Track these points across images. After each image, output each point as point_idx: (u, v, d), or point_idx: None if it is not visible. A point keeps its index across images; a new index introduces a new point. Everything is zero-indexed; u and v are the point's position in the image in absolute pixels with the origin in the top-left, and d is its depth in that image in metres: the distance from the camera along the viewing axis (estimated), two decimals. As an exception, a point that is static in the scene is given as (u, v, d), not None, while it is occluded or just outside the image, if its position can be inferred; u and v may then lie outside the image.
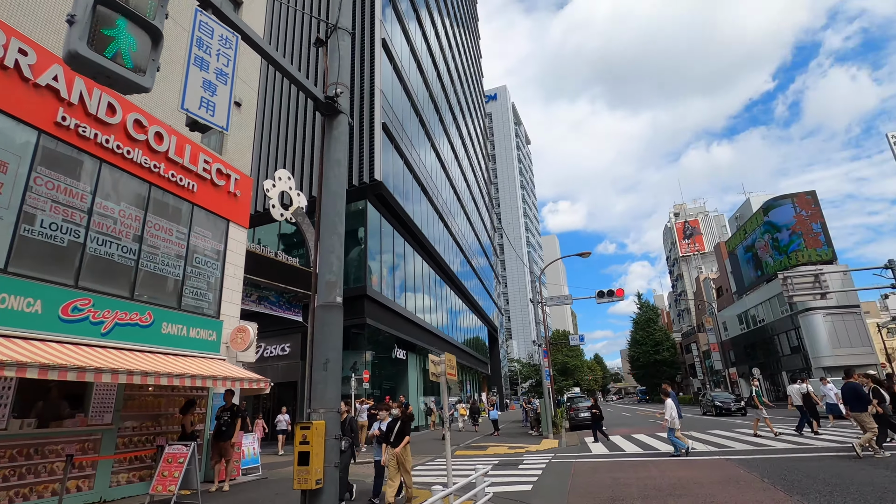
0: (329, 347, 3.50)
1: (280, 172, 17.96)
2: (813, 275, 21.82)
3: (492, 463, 11.99)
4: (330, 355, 3.47)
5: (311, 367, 3.48)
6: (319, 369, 3.43)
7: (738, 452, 11.17)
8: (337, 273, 3.71)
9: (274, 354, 19.50)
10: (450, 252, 36.45)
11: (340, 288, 3.70)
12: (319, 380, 3.44)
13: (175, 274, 9.53)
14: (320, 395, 3.40)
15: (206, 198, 10.45)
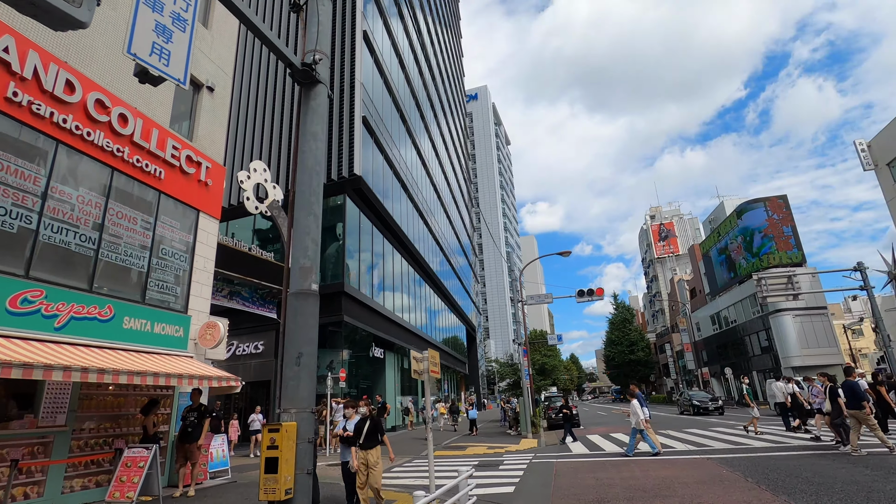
0: (303, 340, 3.14)
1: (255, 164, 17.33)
2: (786, 276, 22.26)
3: (472, 463, 11.72)
4: (304, 349, 3.11)
5: (282, 362, 3.11)
6: (291, 364, 3.07)
7: (717, 451, 11.15)
8: (312, 258, 3.35)
9: (246, 353, 18.83)
10: (429, 250, 36.10)
11: (316, 275, 3.34)
12: (291, 376, 3.07)
13: (139, 266, 8.95)
14: (292, 393, 3.04)
15: (175, 186, 9.88)
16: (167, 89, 10.23)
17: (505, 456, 13.07)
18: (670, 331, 66.71)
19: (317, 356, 3.22)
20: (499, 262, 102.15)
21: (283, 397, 3.05)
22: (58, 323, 7.22)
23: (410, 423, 24.39)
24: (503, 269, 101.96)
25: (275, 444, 2.82)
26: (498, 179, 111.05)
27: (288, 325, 3.18)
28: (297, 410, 3.02)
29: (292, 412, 3.00)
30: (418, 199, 32.58)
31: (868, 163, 33.02)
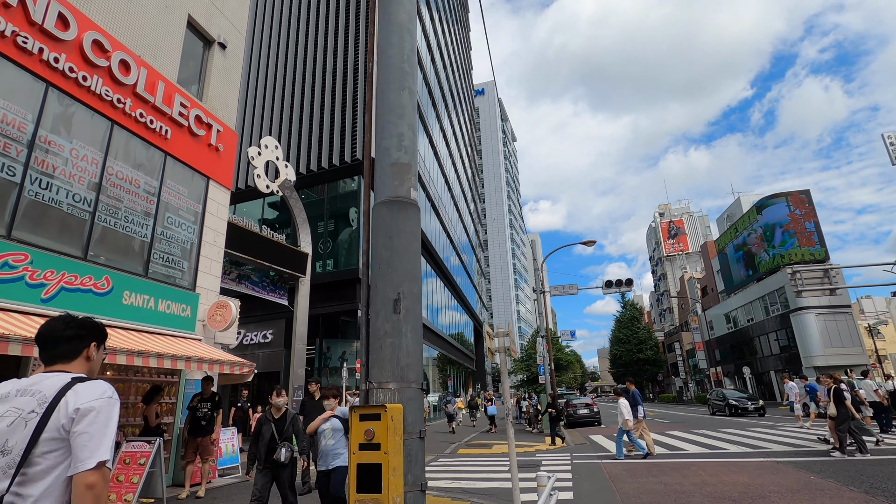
0: (403, 274, 2.08)
1: (266, 140, 16.25)
2: (822, 269, 21.11)
3: (504, 462, 10.63)
4: (405, 287, 2.02)
5: (366, 308, 2.04)
6: (387, 312, 2.00)
7: (779, 454, 10.05)
8: (410, 151, 2.25)
9: (255, 342, 17.78)
10: (440, 242, 35.02)
11: (415, 177, 2.25)
12: (388, 331, 1.99)
13: (142, 234, 7.87)
14: (390, 357, 1.96)
15: (183, 148, 8.79)
16: (175, 41, 9.14)
17: (537, 455, 11.99)
18: (680, 329, 65.56)
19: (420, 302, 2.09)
20: (504, 259, 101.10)
21: (375, 365, 1.99)
22: (45, 294, 6.14)
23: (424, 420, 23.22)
24: (508, 266, 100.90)
25: (373, 439, 1.74)
26: (504, 176, 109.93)
27: (376, 252, 2.09)
28: (398, 385, 1.90)
29: (391, 388, 1.90)
30: (431, 189, 31.49)
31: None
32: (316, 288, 17.02)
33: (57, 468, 1.39)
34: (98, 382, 1.52)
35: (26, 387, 1.50)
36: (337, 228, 19.21)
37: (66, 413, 1.41)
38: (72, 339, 1.62)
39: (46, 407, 1.42)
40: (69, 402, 1.43)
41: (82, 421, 1.40)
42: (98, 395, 1.46)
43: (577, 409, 22.39)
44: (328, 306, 17.40)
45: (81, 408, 1.42)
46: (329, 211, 19.50)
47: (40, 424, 1.40)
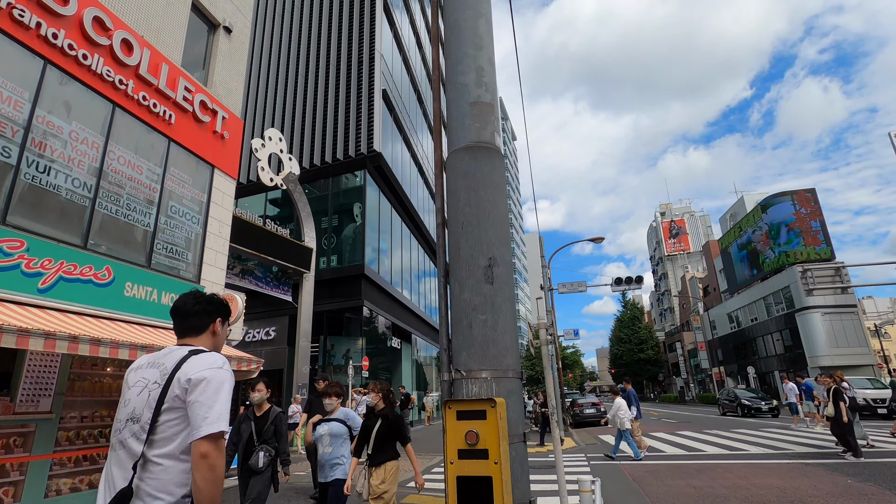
0: (493, 234, 1.68)
1: (270, 132, 15.85)
2: (833, 268, 20.80)
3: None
4: (495, 251, 1.63)
5: (444, 278, 1.65)
6: (477, 282, 1.61)
7: (806, 456, 9.71)
8: (490, 88, 1.87)
9: (257, 339, 17.37)
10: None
11: (499, 120, 1.87)
12: (478, 306, 1.59)
13: (144, 223, 7.48)
14: (483, 339, 1.56)
15: (187, 134, 8.39)
16: (179, 23, 8.75)
17: (550, 456, 11.63)
18: (681, 329, 65.28)
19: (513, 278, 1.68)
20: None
21: (462, 349, 1.59)
22: (42, 283, 5.75)
23: (428, 419, 22.98)
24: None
25: (477, 444, 1.36)
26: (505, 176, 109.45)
27: (456, 211, 1.72)
28: (493, 374, 1.50)
29: (484, 377, 1.49)
30: (433, 183, 31.14)
31: (904, 155, 31.56)
32: (320, 284, 16.65)
33: (179, 435, 1.48)
34: (211, 354, 1.59)
35: (155, 360, 1.61)
36: (341, 224, 18.82)
37: (179, 384, 1.49)
38: (200, 314, 1.72)
39: (167, 378, 1.51)
40: (183, 373, 1.51)
41: (194, 391, 1.48)
42: (209, 365, 1.53)
43: (583, 409, 22.06)
44: (332, 303, 17.01)
45: (193, 378, 1.49)
46: (333, 206, 19.11)
47: (161, 395, 1.49)
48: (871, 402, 20.44)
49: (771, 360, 38.85)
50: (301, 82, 20.97)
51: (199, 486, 1.40)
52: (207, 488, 1.40)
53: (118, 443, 1.52)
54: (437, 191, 1.86)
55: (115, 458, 1.52)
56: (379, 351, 19.50)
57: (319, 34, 21.60)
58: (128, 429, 1.51)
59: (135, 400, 1.53)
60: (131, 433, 1.49)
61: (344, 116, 19.39)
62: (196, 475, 1.41)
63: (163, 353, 1.64)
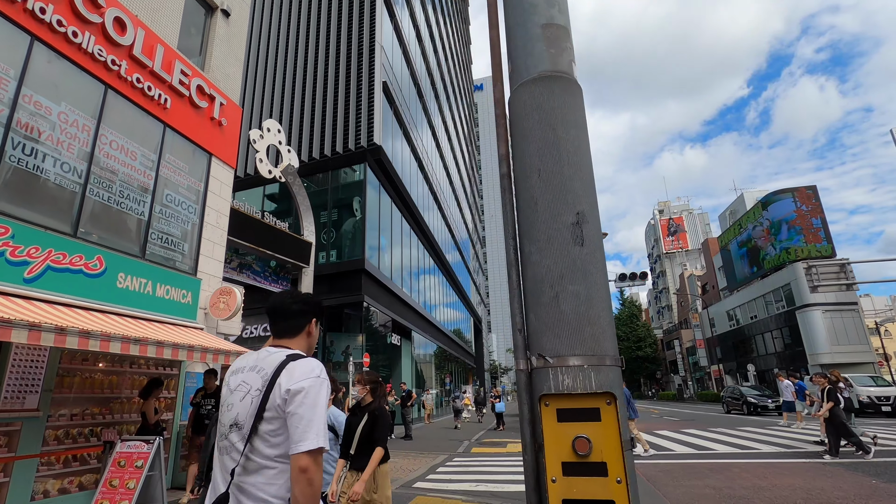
0: (579, 184, 1.35)
1: (269, 123, 15.45)
2: (838, 265, 20.60)
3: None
4: (584, 204, 1.32)
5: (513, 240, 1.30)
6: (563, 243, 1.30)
7: (818, 455, 9.45)
8: (563, 9, 1.51)
9: (255, 335, 17.00)
10: (442, 237, 34.34)
11: (573, 50, 1.53)
12: (566, 273, 1.28)
13: (138, 212, 7.12)
14: (574, 314, 1.23)
15: (183, 120, 8.03)
16: (175, 3, 8.37)
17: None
18: (679, 327, 65.23)
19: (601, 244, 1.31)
20: (501, 256, 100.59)
21: (544, 329, 1.26)
22: (29, 273, 5.39)
23: (428, 417, 22.70)
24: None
25: (588, 455, 1.03)
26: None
27: (527, 158, 1.39)
28: (590, 362, 1.17)
29: (578, 365, 1.16)
30: (433, 180, 30.80)
31: (906, 152, 31.41)
32: (319, 279, 16.29)
33: (281, 444, 1.47)
34: (308, 361, 1.57)
35: (256, 363, 1.59)
36: (341, 218, 18.46)
37: (279, 393, 1.48)
38: (297, 315, 1.70)
39: (266, 385, 1.50)
40: (283, 383, 1.49)
41: (293, 402, 1.46)
42: (307, 374, 1.51)
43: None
44: (332, 298, 16.67)
45: (292, 388, 1.47)
46: (333, 200, 18.75)
47: (262, 403, 1.48)
48: (875, 399, 20.28)
49: (770, 358, 38.74)
50: (300, 74, 20.57)
51: (298, 500, 1.41)
52: (306, 502, 1.41)
53: (225, 447, 1.54)
54: (500, 134, 1.53)
55: (219, 462, 1.54)
56: (378, 348, 19.18)
57: (319, 24, 21.20)
58: (233, 434, 1.52)
59: (238, 405, 1.54)
60: (238, 438, 1.50)
61: (343, 109, 19.02)
62: (295, 489, 1.41)
63: (262, 355, 1.63)
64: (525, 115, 1.42)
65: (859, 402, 20.44)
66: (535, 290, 1.28)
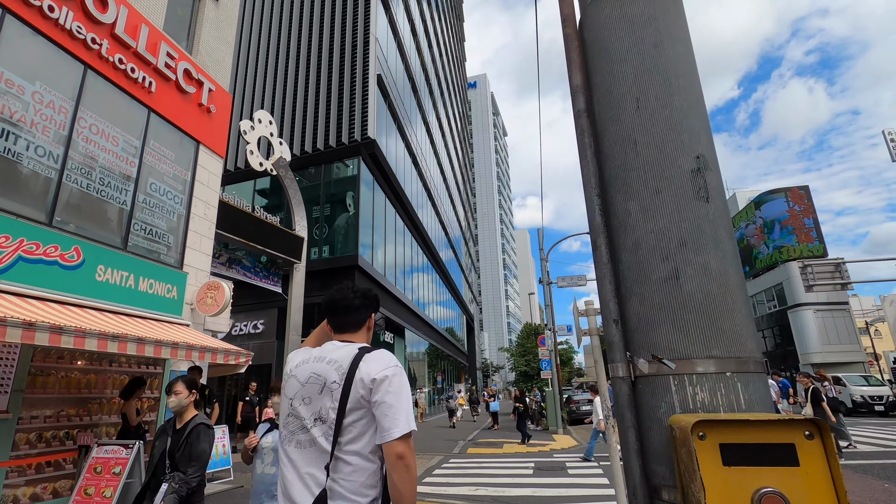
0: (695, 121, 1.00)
1: (260, 114, 15.00)
2: (833, 264, 20.56)
3: (523, 463, 9.72)
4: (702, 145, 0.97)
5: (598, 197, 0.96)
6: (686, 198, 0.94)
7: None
8: None
9: (244, 332, 16.56)
10: (436, 234, 34.00)
11: None
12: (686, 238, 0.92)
13: (120, 201, 6.71)
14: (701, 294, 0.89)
15: (169, 105, 7.62)
16: (161, -17, 7.95)
17: (555, 456, 11.10)
18: (671, 326, 65.51)
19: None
20: (494, 254, 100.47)
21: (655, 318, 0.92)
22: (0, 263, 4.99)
23: (420, 415, 22.39)
24: (498, 261, 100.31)
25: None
26: (495, 170, 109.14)
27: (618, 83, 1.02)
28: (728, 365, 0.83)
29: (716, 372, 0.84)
30: (427, 176, 30.44)
31: (897, 153, 31.64)
32: (311, 275, 15.89)
33: (365, 434, 1.45)
34: (383, 352, 1.58)
35: (323, 355, 1.57)
36: (333, 214, 18.05)
37: (364, 384, 1.46)
38: (360, 309, 1.70)
39: (345, 378, 1.48)
40: (364, 374, 1.47)
41: (378, 391, 1.45)
42: (387, 363, 1.51)
43: (579, 406, 21.63)
44: (324, 295, 16.27)
45: (377, 377, 1.46)
46: (325, 195, 18.32)
47: (343, 395, 1.46)
48: (868, 399, 20.31)
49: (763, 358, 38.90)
50: (293, 65, 20.09)
51: (398, 487, 1.39)
52: (406, 488, 1.39)
53: (304, 441, 1.49)
54: (572, 60, 1.18)
55: (298, 456, 1.48)
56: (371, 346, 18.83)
57: (312, 15, 20.73)
58: (316, 428, 1.48)
59: (317, 398, 1.51)
60: (320, 433, 1.47)
61: (337, 101, 18.60)
62: (394, 476, 1.39)
63: (329, 347, 1.61)
64: (612, 30, 1.07)
65: (853, 401, 20.47)
66: (640, 264, 0.95)
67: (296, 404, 1.52)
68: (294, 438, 1.50)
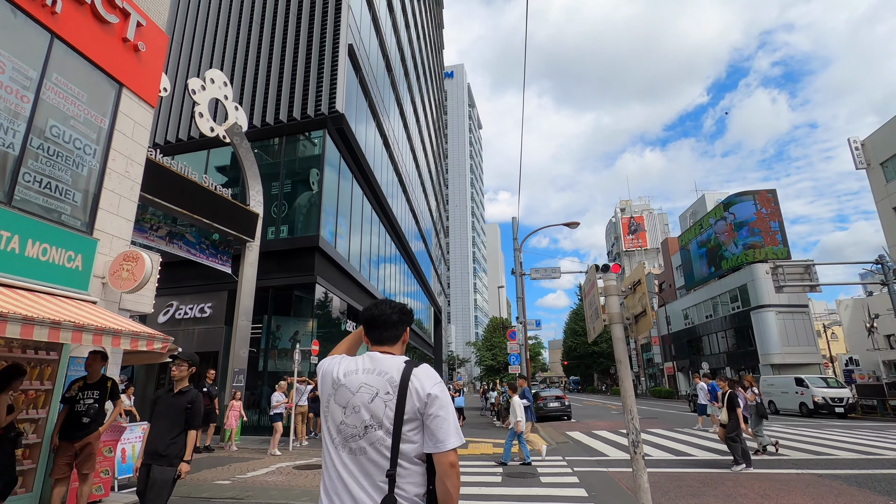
0: None
1: (213, 73, 13.42)
2: (803, 266, 20.56)
3: (490, 469, 8.81)
4: None
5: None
6: None
7: (807, 464, 8.73)
8: None
9: (189, 316, 15.06)
10: (407, 225, 32.81)
11: None
12: None
13: (5, 143, 5.34)
14: None
15: (81, 34, 6.23)
16: None
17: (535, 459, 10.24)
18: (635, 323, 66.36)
19: None
20: (464, 246, 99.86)
21: None
22: None
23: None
24: (468, 253, 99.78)
25: None
26: (469, 163, 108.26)
27: None
28: None
29: None
30: (399, 161, 29.17)
31: (861, 161, 32.30)
32: (267, 256, 14.55)
33: (417, 442, 1.60)
34: (428, 367, 1.71)
35: (370, 367, 1.70)
36: (295, 192, 16.66)
37: (419, 398, 1.60)
38: (397, 325, 1.83)
39: (398, 390, 1.61)
40: (418, 387, 1.62)
41: (433, 405, 1.60)
42: (436, 380, 1.67)
43: (547, 402, 21.03)
44: (280, 278, 14.95)
45: (432, 393, 1.61)
46: (287, 172, 16.89)
47: (399, 405, 1.59)
48: (829, 400, 20.46)
49: (722, 357, 39.56)
50: (256, 26, 18.42)
51: (451, 492, 1.57)
52: (456, 493, 1.59)
53: (358, 449, 1.60)
54: None
55: (355, 463, 1.59)
56: (332, 335, 17.58)
57: (279, -24, 19.08)
58: (368, 436, 1.59)
59: (368, 406, 1.61)
60: (375, 440, 1.58)
61: (304, 70, 17.15)
62: (448, 483, 1.56)
63: (374, 359, 1.73)
64: None
65: (814, 402, 20.58)
66: None
67: (347, 412, 1.64)
68: (348, 445, 1.61)
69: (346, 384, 1.66)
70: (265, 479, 7.77)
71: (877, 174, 31.39)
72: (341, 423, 1.62)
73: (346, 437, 1.61)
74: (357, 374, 1.67)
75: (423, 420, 1.58)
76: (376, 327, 1.80)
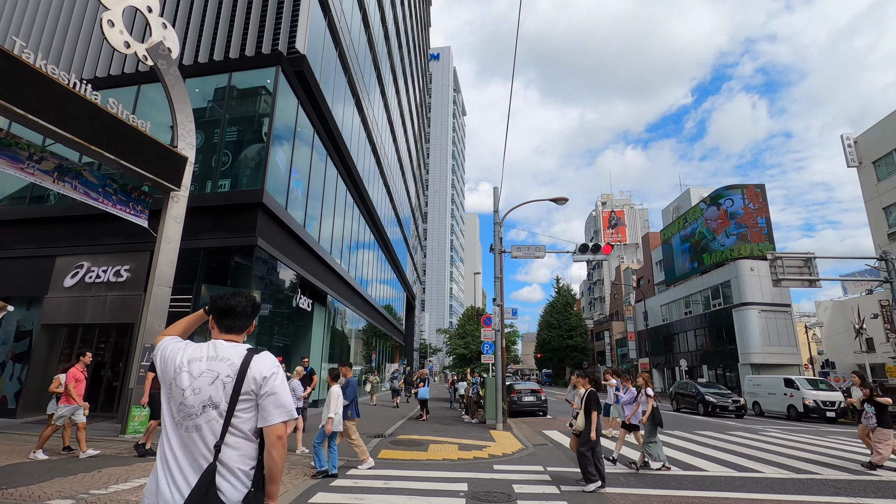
0: None
1: (134, -23, 10.88)
2: (803, 259, 19.08)
3: (452, 482, 6.70)
4: None
5: None
6: None
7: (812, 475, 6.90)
8: None
9: (101, 280, 12.45)
10: (384, 211, 30.41)
11: None
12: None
13: None
14: None
15: None
16: None
17: (496, 467, 8.19)
18: (611, 318, 65.59)
19: None
20: (442, 234, 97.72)
21: None
22: None
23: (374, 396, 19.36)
24: (446, 241, 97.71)
25: None
26: (451, 149, 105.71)
27: None
28: None
29: None
30: (379, 149, 26.73)
31: (853, 159, 31.29)
32: (200, 211, 12.05)
33: (250, 420, 1.76)
34: (268, 354, 1.87)
35: (213, 353, 1.83)
36: (240, 139, 14.11)
37: (255, 381, 1.77)
38: (248, 317, 1.98)
39: (237, 374, 1.77)
40: (255, 372, 1.78)
41: (266, 385, 1.77)
42: (272, 365, 1.83)
43: (521, 396, 19.15)
44: (216, 238, 12.49)
45: (266, 375, 1.78)
46: (230, 117, 14.31)
47: (236, 387, 1.75)
48: (820, 404, 19.16)
49: (698, 354, 38.58)
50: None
51: (276, 461, 1.75)
52: (281, 462, 1.77)
53: (193, 427, 1.73)
54: None
55: (188, 438, 1.72)
56: (279, 312, 15.24)
57: None
58: (205, 414, 1.73)
59: (207, 388, 1.75)
60: (210, 418, 1.72)
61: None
62: (274, 453, 1.74)
63: (220, 345, 1.86)
64: None
65: (804, 405, 19.26)
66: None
67: (186, 394, 1.75)
68: (184, 424, 1.73)
69: (190, 370, 1.78)
70: (130, 497, 5.48)
71: (868, 173, 30.45)
72: (181, 403, 1.75)
73: (185, 416, 1.74)
74: (201, 362, 1.79)
75: (258, 400, 1.77)
76: (231, 317, 1.93)
